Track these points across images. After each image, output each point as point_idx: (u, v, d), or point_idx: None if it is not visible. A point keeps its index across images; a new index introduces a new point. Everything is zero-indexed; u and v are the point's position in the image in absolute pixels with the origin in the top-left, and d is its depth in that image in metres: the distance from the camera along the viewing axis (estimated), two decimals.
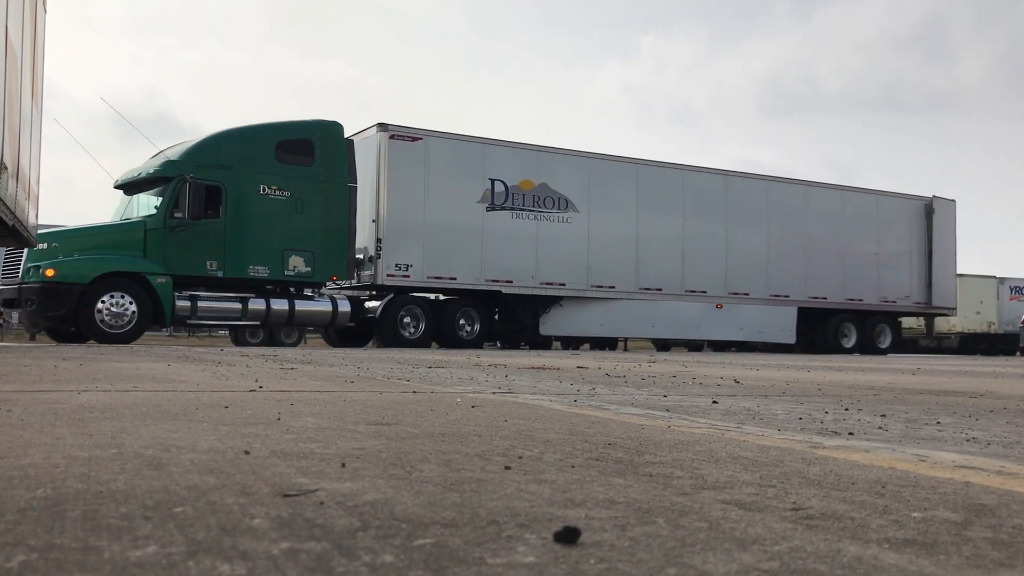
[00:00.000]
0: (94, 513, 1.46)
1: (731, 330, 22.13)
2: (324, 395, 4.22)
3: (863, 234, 24.12)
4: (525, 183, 19.56)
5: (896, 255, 24.63)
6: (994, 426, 3.41)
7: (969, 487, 1.91)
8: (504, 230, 19.14)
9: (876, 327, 24.16)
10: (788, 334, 22.65)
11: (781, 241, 22.81)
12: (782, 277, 22.72)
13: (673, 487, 1.84)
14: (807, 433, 2.99)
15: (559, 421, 3.19)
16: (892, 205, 24.85)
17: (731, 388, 5.63)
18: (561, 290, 19.94)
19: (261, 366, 7.42)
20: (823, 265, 23.35)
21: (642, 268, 20.98)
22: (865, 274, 23.95)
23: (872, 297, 23.96)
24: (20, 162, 9.56)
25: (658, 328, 21.38)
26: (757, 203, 22.64)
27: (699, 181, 21.91)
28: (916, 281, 24.85)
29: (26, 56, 9.65)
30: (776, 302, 22.52)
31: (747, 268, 22.24)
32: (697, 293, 21.56)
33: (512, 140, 19.70)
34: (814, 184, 23.80)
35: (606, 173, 20.64)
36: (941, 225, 25.22)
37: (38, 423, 2.74)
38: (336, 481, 1.81)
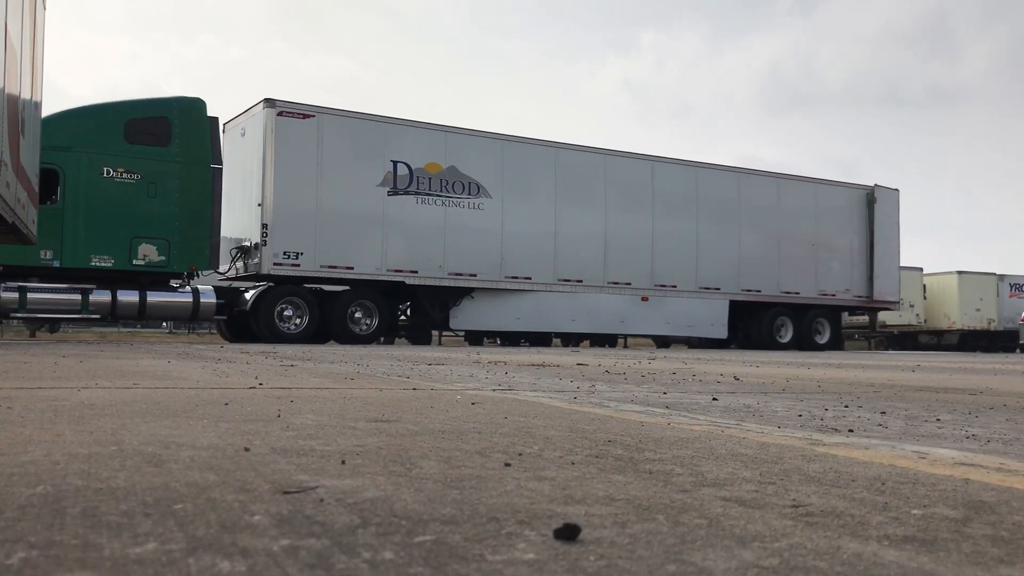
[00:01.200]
0: (94, 510, 1.46)
1: (657, 324, 21.15)
2: (324, 392, 4.22)
3: (800, 224, 23.12)
4: (432, 166, 18.24)
5: (835, 247, 23.60)
6: (994, 423, 3.41)
7: (969, 484, 1.91)
8: (408, 216, 17.84)
9: (814, 322, 23.25)
10: (719, 328, 21.69)
11: (711, 231, 21.72)
12: (713, 269, 21.67)
13: (673, 484, 1.84)
14: (807, 430, 2.99)
15: (559, 418, 3.19)
16: (831, 194, 23.79)
17: (731, 385, 5.63)
18: (472, 281, 18.70)
19: (261, 363, 7.42)
20: (757, 257, 22.34)
21: (561, 258, 19.82)
22: (802, 266, 22.99)
23: (809, 290, 23.03)
24: (20, 159, 9.55)
25: (578, 322, 20.25)
26: (686, 191, 21.53)
27: (624, 167, 20.78)
28: (857, 274, 23.85)
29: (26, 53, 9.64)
30: (706, 295, 21.53)
31: (675, 259, 21.18)
32: (621, 285, 20.46)
33: (417, 120, 18.40)
34: (747, 172, 22.65)
35: (522, 157, 19.41)
36: (883, 215, 24.20)
37: (38, 420, 2.74)
38: (336, 478, 1.81)
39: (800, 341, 22.89)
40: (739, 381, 6.12)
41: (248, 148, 17.04)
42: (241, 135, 17.57)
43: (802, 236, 23.05)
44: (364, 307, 17.68)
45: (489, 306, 19.13)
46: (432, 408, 3.47)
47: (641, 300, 20.67)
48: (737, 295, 21.98)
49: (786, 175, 23.38)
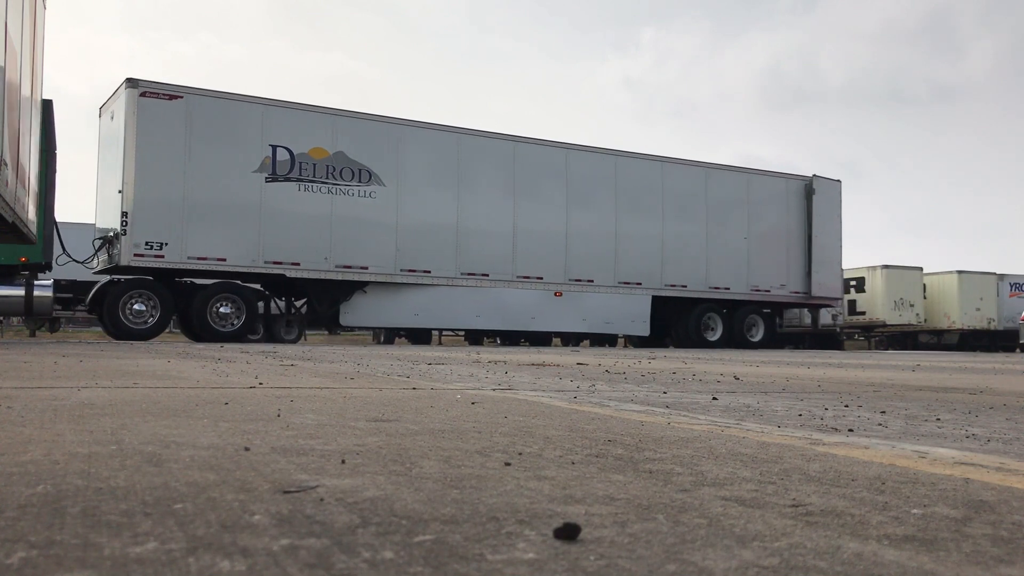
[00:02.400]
0: (94, 509, 1.46)
1: (573, 320, 20.13)
2: (324, 391, 4.22)
3: (731, 216, 21.99)
4: (317, 151, 17.14)
5: (770, 240, 22.51)
6: (994, 422, 3.41)
7: (969, 484, 1.91)
8: (289, 205, 16.75)
9: (747, 318, 22.22)
10: (641, 325, 20.74)
11: (633, 223, 20.71)
12: (633, 262, 20.66)
13: (673, 484, 1.84)
14: (807, 430, 2.99)
15: (559, 418, 3.19)
16: (765, 185, 22.65)
17: (731, 385, 5.63)
18: (363, 274, 17.56)
19: (261, 362, 7.42)
20: (683, 250, 21.28)
21: (465, 251, 18.72)
22: (733, 260, 21.89)
23: (741, 286, 21.98)
24: (20, 159, 9.55)
25: (485, 318, 19.18)
26: (604, 179, 20.49)
27: (534, 154, 19.72)
28: (794, 269, 22.78)
29: (26, 53, 9.64)
30: (626, 290, 20.48)
31: (592, 252, 20.13)
32: (532, 279, 19.48)
33: (300, 101, 17.26)
34: (671, 160, 21.56)
35: (420, 142, 18.30)
36: (823, 208, 23.11)
37: (38, 420, 2.74)
38: (336, 477, 1.81)
39: (731, 339, 22.00)
40: (739, 381, 6.12)
41: (115, 133, 16.07)
42: (111, 119, 16.54)
43: (733, 229, 22.04)
44: (232, 302, 16.54)
45: (384, 301, 18.04)
46: (432, 407, 3.47)
47: (555, 295, 19.76)
48: (660, 290, 21.02)
49: (715, 164, 22.34)
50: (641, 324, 20.73)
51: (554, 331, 21.20)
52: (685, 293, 21.34)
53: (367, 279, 17.67)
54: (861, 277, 31.98)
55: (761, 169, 22.87)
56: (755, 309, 22.51)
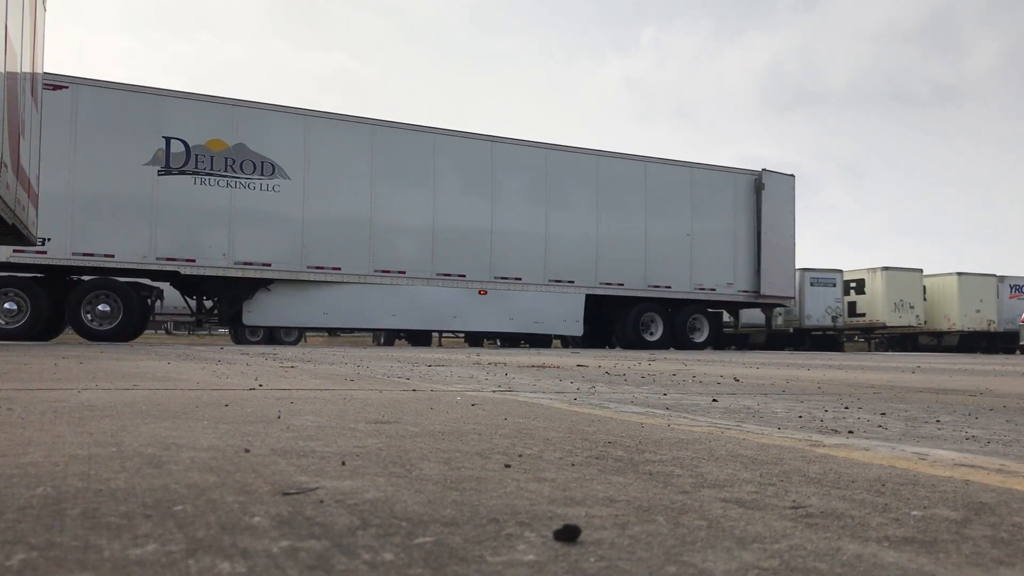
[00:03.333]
0: (94, 511, 1.46)
1: (498, 320, 19.27)
2: (324, 393, 4.22)
3: (672, 212, 21.12)
4: (215, 143, 16.38)
5: (716, 237, 21.58)
6: (994, 424, 3.41)
7: (969, 485, 1.91)
8: (184, 199, 15.98)
9: (690, 318, 21.37)
10: (574, 325, 19.93)
11: (564, 219, 19.92)
12: (565, 259, 19.79)
13: (673, 485, 1.84)
14: (807, 431, 2.99)
15: (559, 419, 3.19)
16: (711, 180, 21.70)
17: (731, 386, 5.63)
18: (266, 271, 16.82)
19: (261, 364, 7.43)
20: (620, 247, 20.39)
21: (379, 247, 17.96)
22: (675, 258, 21.03)
23: (683, 284, 21.13)
24: (20, 160, 9.55)
25: (401, 317, 18.44)
26: (534, 173, 19.69)
27: (456, 147, 18.90)
28: (742, 267, 21.85)
29: (26, 54, 9.64)
30: (558, 288, 19.69)
31: (520, 249, 19.36)
32: (453, 277, 18.66)
33: (196, 92, 16.54)
34: (607, 153, 20.68)
35: (329, 134, 17.54)
36: (774, 203, 22.16)
37: (38, 421, 2.74)
38: (336, 479, 1.81)
39: (673, 339, 21.30)
40: (739, 382, 6.12)
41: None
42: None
43: (675, 225, 21.16)
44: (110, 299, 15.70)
45: (290, 299, 17.30)
46: (432, 409, 3.47)
47: (479, 294, 18.92)
48: (595, 288, 20.19)
49: (655, 158, 21.36)
50: (574, 324, 19.98)
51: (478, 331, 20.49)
52: (622, 292, 20.54)
53: (270, 276, 16.96)
54: (861, 279, 31.98)
55: (707, 164, 21.98)
56: (699, 309, 21.71)
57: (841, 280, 31.26)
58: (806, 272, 30.72)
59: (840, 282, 31.18)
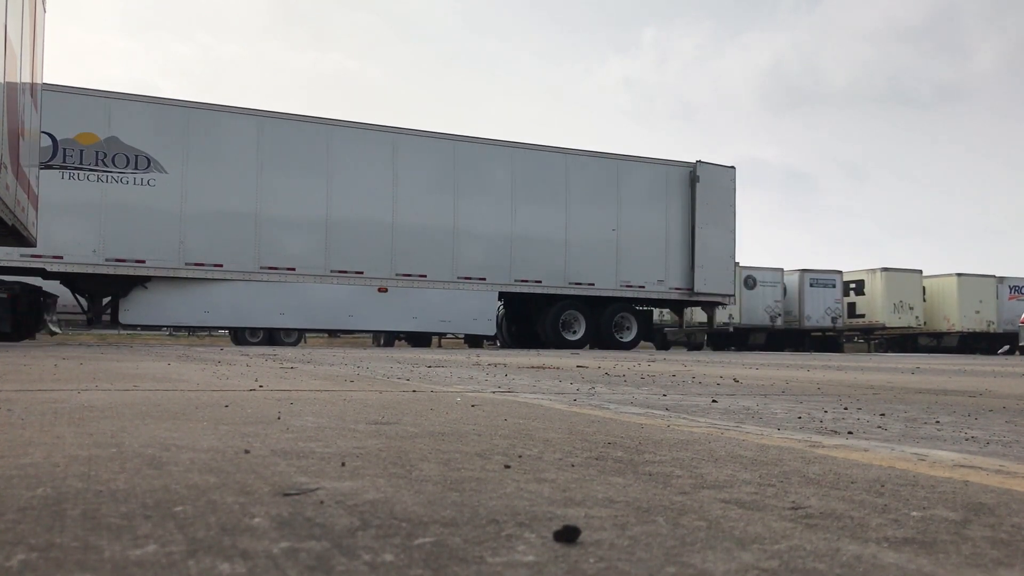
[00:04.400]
0: (94, 512, 1.46)
1: (400, 318, 18.54)
2: (324, 394, 4.22)
3: (596, 206, 20.26)
4: (85, 137, 15.80)
5: (646, 232, 20.70)
6: (993, 425, 3.41)
7: (968, 486, 1.91)
8: (51, 194, 14.98)
9: (616, 317, 20.58)
10: (485, 324, 19.18)
11: (476, 213, 19.10)
12: (477, 256, 19.06)
13: (673, 486, 1.84)
14: (806, 432, 2.99)
15: (559, 420, 3.19)
16: (639, 173, 20.81)
17: (730, 387, 5.63)
18: (140, 268, 16.15)
19: (261, 365, 7.43)
20: (538, 243, 19.61)
21: (265, 242, 17.24)
22: (599, 254, 20.17)
23: (608, 281, 20.27)
24: (20, 162, 9.56)
25: (289, 316, 17.70)
26: (441, 166, 18.86)
27: (354, 138, 18.11)
28: (674, 263, 20.97)
29: (25, 55, 9.65)
30: (467, 285, 18.90)
31: (425, 244, 18.60)
32: (349, 274, 17.91)
33: (65, 84, 15.89)
34: (522, 146, 19.86)
35: (212, 126, 16.86)
36: (710, 196, 21.24)
37: (38, 422, 2.74)
38: (336, 480, 1.81)
39: (598, 338, 20.54)
40: (738, 383, 6.12)
41: None
42: None
43: (599, 220, 20.27)
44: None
45: (168, 297, 16.60)
46: (432, 410, 3.47)
47: (378, 291, 18.16)
48: (509, 286, 19.41)
49: (577, 150, 20.52)
50: (486, 323, 19.20)
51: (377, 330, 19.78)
52: (540, 289, 19.74)
53: (145, 274, 16.32)
54: (861, 280, 31.99)
55: (635, 156, 21.01)
56: (626, 307, 20.90)
57: (840, 281, 31.29)
58: (805, 273, 30.75)
59: (839, 283, 31.21)
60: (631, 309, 20.98)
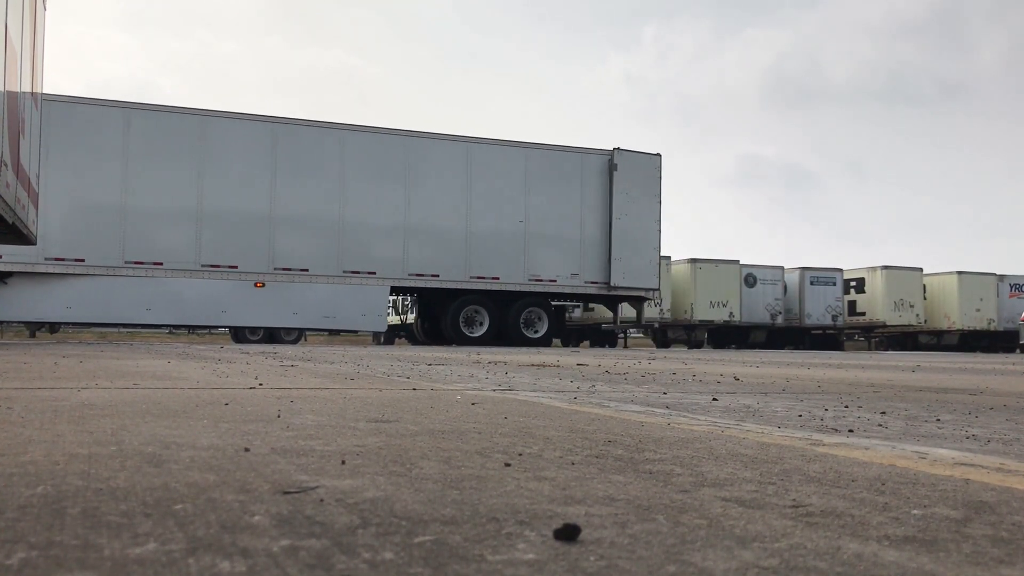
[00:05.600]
0: (94, 510, 1.46)
1: (280, 315, 17.82)
2: (324, 392, 4.22)
3: (503, 197, 19.35)
4: None
5: (558, 223, 19.80)
6: (994, 423, 3.41)
7: (969, 484, 1.91)
8: None
9: (525, 312, 19.72)
10: (375, 320, 18.46)
11: (367, 204, 18.32)
12: (366, 248, 18.31)
13: (673, 484, 1.84)
14: (807, 430, 2.99)
15: (559, 418, 3.19)
16: (552, 161, 19.85)
17: (731, 385, 5.63)
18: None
19: (261, 363, 7.43)
20: (436, 235, 18.79)
21: (132, 236, 16.59)
22: (505, 247, 19.29)
23: (516, 275, 19.37)
24: (20, 159, 9.55)
25: (157, 312, 17.02)
26: (328, 157, 18.09)
27: (230, 130, 17.37)
28: (590, 256, 19.99)
29: (26, 53, 9.64)
30: (355, 280, 18.11)
31: (308, 237, 17.93)
32: (222, 268, 17.21)
33: None
34: (417, 134, 19.00)
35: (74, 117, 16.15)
36: (630, 186, 20.23)
37: (38, 420, 2.74)
38: (336, 478, 1.81)
39: (503, 334, 19.65)
40: (739, 381, 6.12)
41: None
42: None
43: (505, 211, 19.39)
44: None
45: (28, 293, 15.99)
46: (432, 408, 3.47)
47: (255, 286, 17.46)
48: (403, 280, 18.64)
49: (482, 138, 19.56)
50: (376, 318, 18.47)
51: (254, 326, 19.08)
52: (437, 283, 18.88)
53: (4, 269, 15.64)
54: (861, 278, 31.98)
55: (545, 143, 20.07)
56: (537, 301, 19.97)
57: (841, 279, 31.27)
58: (806, 271, 30.73)
59: (840, 281, 31.19)
60: (542, 304, 20.16)
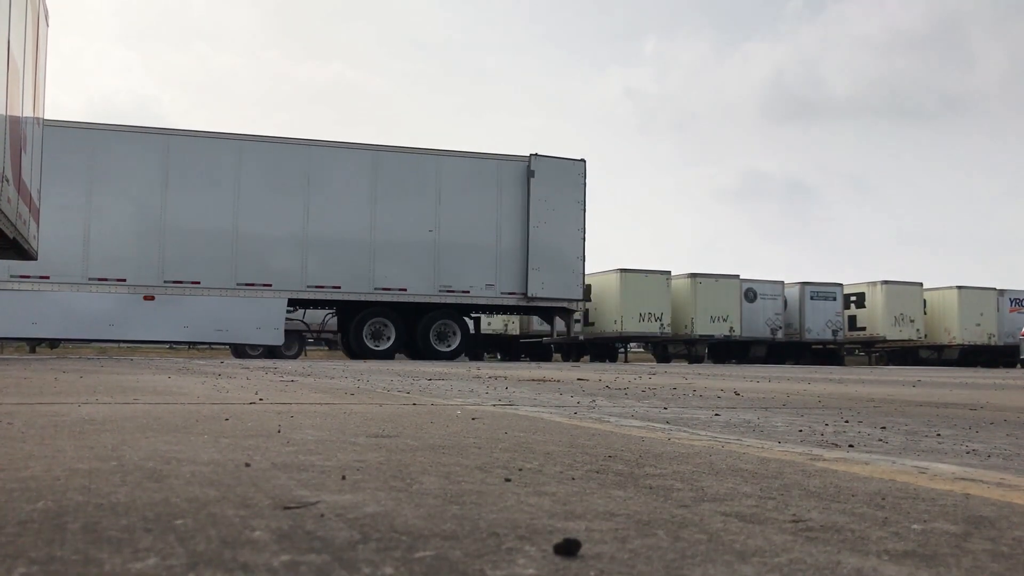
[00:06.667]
0: (95, 525, 1.46)
1: (169, 328, 17.46)
2: (324, 407, 4.22)
3: (412, 205, 18.86)
4: None
5: (472, 232, 19.22)
6: (994, 438, 3.41)
7: (969, 499, 1.91)
8: None
9: (436, 324, 19.19)
10: (272, 333, 18.04)
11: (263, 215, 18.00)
12: (262, 260, 17.95)
13: (673, 499, 1.84)
14: (807, 445, 2.99)
15: (559, 433, 3.19)
16: (466, 169, 19.35)
17: (731, 400, 5.63)
18: None
19: (261, 378, 7.42)
20: (338, 245, 18.38)
21: None
22: (412, 257, 18.80)
23: (425, 286, 18.86)
24: (22, 175, 9.58)
25: (43, 326, 16.72)
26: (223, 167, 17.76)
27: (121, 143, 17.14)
28: (507, 266, 19.39)
29: (28, 70, 9.69)
30: (250, 292, 17.78)
31: (201, 249, 17.46)
32: (110, 282, 16.94)
33: None
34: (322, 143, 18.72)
35: None
36: (549, 193, 19.65)
37: (39, 435, 2.74)
38: (336, 493, 1.81)
39: (413, 347, 19.38)
40: (739, 396, 6.11)
41: None
42: None
43: (413, 220, 18.85)
44: None
45: None
46: (432, 423, 3.47)
47: (144, 299, 17.16)
48: (301, 292, 18.21)
49: (390, 146, 19.16)
50: (272, 332, 18.02)
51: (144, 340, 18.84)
52: (339, 295, 18.47)
53: None
54: (861, 292, 31.99)
55: (459, 150, 19.64)
56: (449, 314, 19.40)
57: (841, 294, 31.28)
58: (806, 286, 30.74)
59: (840, 296, 31.20)
60: (455, 316, 19.55)
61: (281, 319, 18.09)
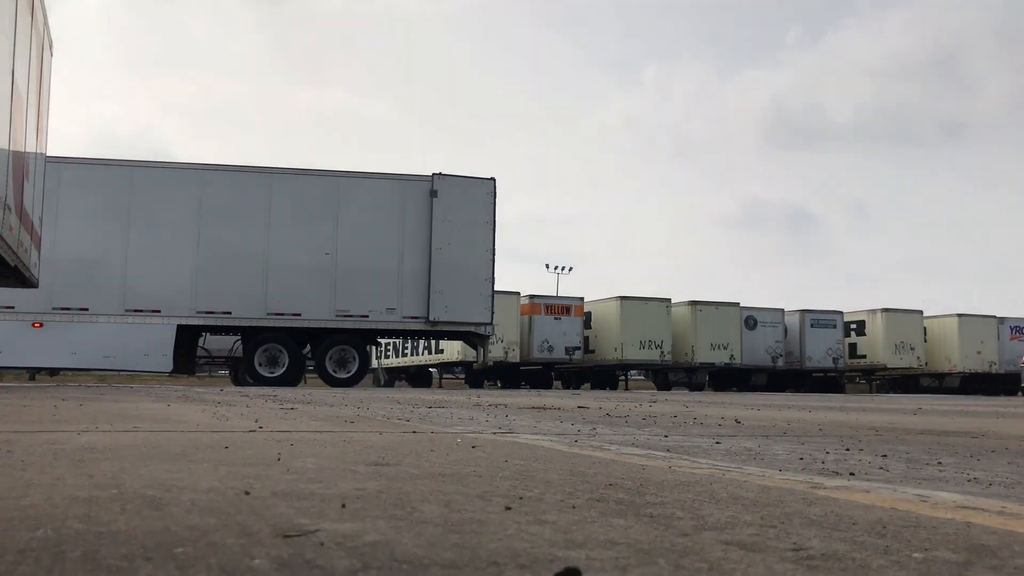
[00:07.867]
0: (94, 554, 1.46)
1: (57, 355, 17.49)
2: (324, 435, 4.21)
3: (307, 228, 18.62)
4: None
5: (372, 255, 18.87)
6: (996, 466, 3.40)
7: (970, 528, 1.91)
8: None
9: (333, 350, 18.82)
10: (160, 360, 17.77)
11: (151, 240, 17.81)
12: (150, 285, 17.78)
13: (674, 528, 1.84)
14: (808, 473, 2.98)
15: (560, 461, 3.18)
16: (366, 190, 19.15)
17: (732, 428, 5.61)
18: None
19: (261, 406, 7.40)
20: (229, 271, 18.16)
21: None
22: (307, 281, 18.50)
23: (321, 311, 18.55)
24: (24, 203, 9.63)
25: None
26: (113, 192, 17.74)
27: None
28: (410, 289, 19.02)
29: (32, 99, 9.77)
30: (137, 318, 17.64)
31: (88, 275, 17.49)
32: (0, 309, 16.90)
33: None
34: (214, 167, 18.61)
35: None
36: (454, 212, 19.24)
37: (38, 464, 2.73)
38: (337, 522, 1.80)
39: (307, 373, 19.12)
40: (740, 424, 6.10)
41: None
42: None
43: (309, 243, 18.59)
44: None
45: None
46: (432, 451, 3.46)
47: (33, 326, 17.16)
48: (190, 319, 17.99)
49: (285, 169, 19.01)
50: (160, 358, 17.74)
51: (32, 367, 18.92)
52: (229, 321, 18.23)
53: None
54: (861, 320, 31.99)
55: (359, 170, 19.43)
56: (347, 339, 19.00)
57: (841, 321, 31.28)
58: (806, 313, 30.76)
59: (840, 323, 31.20)
60: (354, 342, 19.13)
61: (170, 345, 17.80)
